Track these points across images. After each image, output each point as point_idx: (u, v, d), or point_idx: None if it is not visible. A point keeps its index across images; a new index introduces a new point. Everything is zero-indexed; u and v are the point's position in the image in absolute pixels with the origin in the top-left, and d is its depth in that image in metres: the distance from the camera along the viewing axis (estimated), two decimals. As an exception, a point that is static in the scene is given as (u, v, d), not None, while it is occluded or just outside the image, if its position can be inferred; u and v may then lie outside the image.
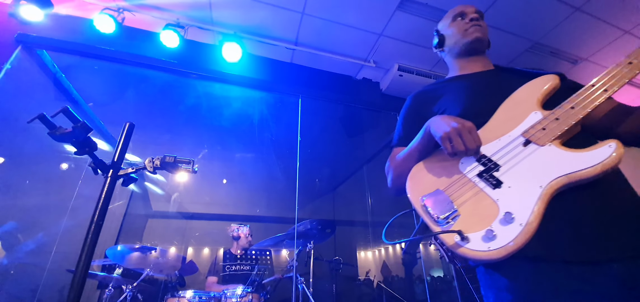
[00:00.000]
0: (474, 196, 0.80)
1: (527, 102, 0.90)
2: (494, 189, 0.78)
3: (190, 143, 4.81)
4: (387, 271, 4.68)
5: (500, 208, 0.73)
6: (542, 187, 0.72)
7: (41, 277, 2.89)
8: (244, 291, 2.27)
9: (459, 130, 0.83)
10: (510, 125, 0.88)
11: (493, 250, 0.68)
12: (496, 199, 0.76)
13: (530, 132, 0.83)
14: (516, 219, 0.69)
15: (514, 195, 0.74)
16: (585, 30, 2.92)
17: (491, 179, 0.80)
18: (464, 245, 0.72)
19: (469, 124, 0.85)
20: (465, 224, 0.76)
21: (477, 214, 0.76)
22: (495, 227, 0.71)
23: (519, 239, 0.67)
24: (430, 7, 2.73)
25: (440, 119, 0.91)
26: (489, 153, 0.86)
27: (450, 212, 0.79)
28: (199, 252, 4.91)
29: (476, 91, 1.04)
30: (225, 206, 5.27)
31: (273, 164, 4.78)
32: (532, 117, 0.86)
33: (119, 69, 3.09)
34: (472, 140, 0.83)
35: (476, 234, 0.72)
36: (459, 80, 1.14)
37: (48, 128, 0.87)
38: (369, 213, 5.17)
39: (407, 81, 3.32)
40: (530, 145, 0.81)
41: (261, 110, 4.00)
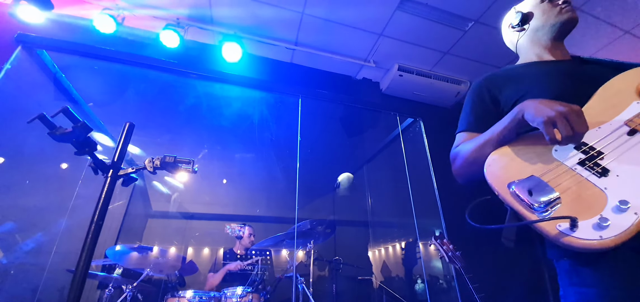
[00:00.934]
0: (576, 185, 0.75)
1: (627, 92, 0.88)
2: (600, 177, 0.74)
3: (190, 143, 4.81)
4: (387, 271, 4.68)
5: (609, 197, 0.70)
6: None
7: (41, 277, 2.89)
8: (244, 291, 2.27)
9: (566, 114, 0.76)
10: (610, 113, 0.85)
11: (606, 239, 0.64)
12: (604, 187, 0.72)
13: (635, 121, 0.80)
14: (631, 207, 0.66)
15: (624, 183, 0.71)
16: (585, 30, 2.92)
17: (596, 167, 0.75)
18: (571, 233, 0.67)
19: (577, 107, 0.77)
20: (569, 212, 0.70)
21: (582, 202, 0.72)
22: (607, 214, 0.67)
23: (634, 228, 0.64)
24: (430, 7, 2.73)
25: (538, 103, 0.83)
26: (591, 141, 0.81)
27: (550, 199, 0.73)
28: (199, 252, 4.91)
29: (563, 76, 0.99)
30: (225, 206, 5.27)
31: (273, 164, 4.78)
32: (635, 107, 0.84)
33: (119, 69, 3.09)
34: (581, 124, 0.75)
35: (586, 222, 0.68)
36: (541, 65, 1.07)
37: (48, 128, 0.87)
38: (369, 213, 5.17)
39: (407, 81, 3.32)
40: (636, 134, 0.78)
41: (261, 110, 4.00)
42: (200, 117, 4.00)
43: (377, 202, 4.98)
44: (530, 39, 1.17)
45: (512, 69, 1.12)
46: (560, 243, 0.68)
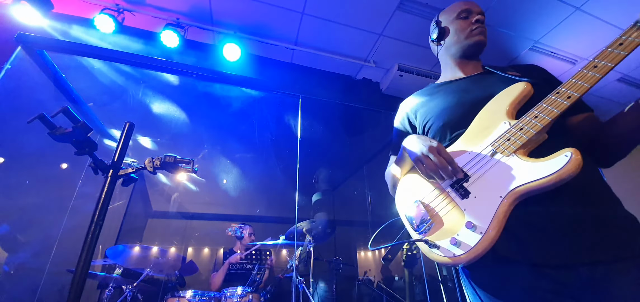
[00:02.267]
0: (446, 206, 0.86)
1: (498, 112, 0.91)
2: (462, 198, 0.83)
3: (190, 143, 4.81)
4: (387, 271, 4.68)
5: (466, 217, 0.79)
6: (502, 197, 0.76)
7: (41, 277, 2.89)
8: (244, 291, 2.27)
9: (429, 152, 0.88)
10: (482, 136, 0.90)
11: (457, 256, 0.75)
12: (464, 208, 0.82)
13: (498, 142, 0.85)
14: (477, 227, 0.75)
15: (478, 204, 0.79)
16: (585, 30, 2.92)
17: (461, 190, 0.85)
18: (434, 251, 0.80)
19: (438, 145, 0.89)
20: (438, 231, 0.83)
21: (447, 222, 0.83)
22: (460, 235, 0.77)
23: (479, 246, 0.72)
24: (430, 7, 2.73)
25: (413, 140, 0.96)
26: (461, 164, 0.89)
27: (425, 220, 0.87)
28: (199, 252, 4.91)
29: (460, 99, 1.04)
30: (225, 206, 5.27)
31: (273, 164, 4.77)
32: (501, 128, 0.87)
33: (119, 69, 3.09)
34: (441, 159, 0.86)
35: (445, 241, 0.79)
36: (447, 86, 1.15)
37: (48, 128, 0.87)
38: (369, 213, 5.17)
39: (407, 81, 3.32)
40: (496, 155, 0.83)
41: (261, 110, 4.00)
42: (200, 117, 4.00)
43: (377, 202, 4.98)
44: (445, 54, 1.23)
45: (426, 91, 1.21)
46: (431, 258, 0.81)
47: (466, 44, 1.12)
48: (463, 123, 0.97)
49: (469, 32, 1.11)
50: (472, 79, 1.11)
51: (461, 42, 1.14)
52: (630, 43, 0.74)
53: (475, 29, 1.11)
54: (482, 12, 1.14)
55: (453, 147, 0.96)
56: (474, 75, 1.13)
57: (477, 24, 1.11)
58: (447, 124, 1.00)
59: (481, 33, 1.11)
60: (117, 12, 2.70)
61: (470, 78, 1.12)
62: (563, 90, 0.80)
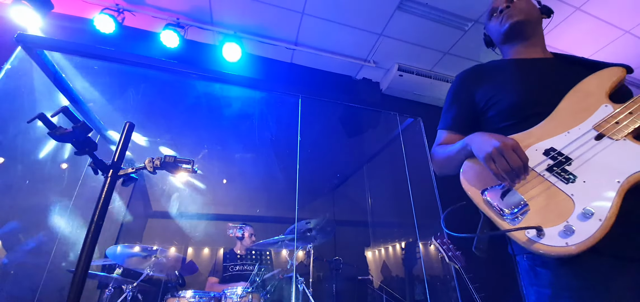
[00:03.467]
0: (545, 191, 0.77)
1: (596, 95, 0.87)
2: (567, 183, 0.75)
3: (190, 143, 4.81)
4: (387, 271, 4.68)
5: (575, 203, 0.72)
6: (620, 182, 0.70)
7: (41, 277, 2.89)
8: (244, 290, 2.26)
9: (502, 151, 0.79)
10: (579, 117, 0.85)
11: (572, 246, 0.66)
12: (571, 194, 0.74)
13: (603, 125, 0.80)
14: (595, 214, 0.68)
15: (590, 190, 0.72)
16: (585, 30, 2.92)
17: (563, 174, 0.77)
18: (539, 240, 0.70)
19: (512, 142, 0.80)
20: (537, 219, 0.73)
21: (550, 209, 0.74)
22: (572, 222, 0.69)
23: (598, 234, 0.66)
24: (430, 7, 2.73)
25: (480, 137, 0.88)
26: (559, 146, 0.83)
27: (518, 206, 0.76)
28: (199, 252, 4.91)
29: (534, 77, 1.00)
30: (225, 206, 5.26)
31: (273, 164, 4.77)
32: (603, 110, 0.83)
33: (119, 69, 3.08)
34: (516, 159, 0.78)
35: (552, 229, 0.70)
36: (516, 64, 1.08)
37: (48, 128, 0.87)
38: (369, 213, 5.16)
39: (407, 81, 3.32)
40: (603, 139, 0.78)
41: (261, 110, 4.00)
42: (200, 117, 4.00)
43: (377, 202, 4.97)
44: (503, 49, 1.20)
45: (491, 65, 1.14)
46: (530, 249, 0.71)
47: (503, 34, 1.11)
48: (543, 102, 0.91)
49: (500, 23, 1.11)
50: (544, 61, 1.07)
51: (499, 37, 1.13)
52: None
53: (503, 17, 1.09)
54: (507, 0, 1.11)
55: (538, 128, 0.89)
56: (545, 58, 1.09)
57: (503, 12, 1.09)
58: (524, 101, 0.93)
59: (510, 17, 1.07)
60: (117, 12, 2.70)
61: (541, 60, 1.07)
62: None
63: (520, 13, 1.07)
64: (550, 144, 0.84)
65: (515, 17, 1.06)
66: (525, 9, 1.07)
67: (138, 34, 2.94)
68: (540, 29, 1.12)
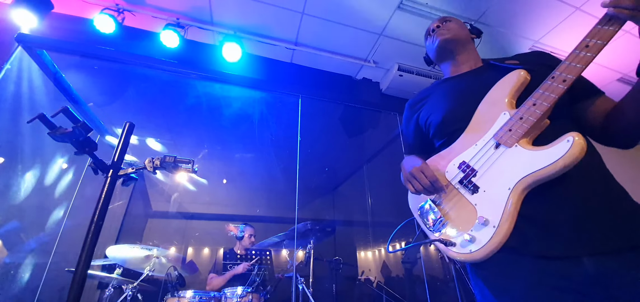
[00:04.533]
0: (458, 202, 0.86)
1: (498, 103, 0.89)
2: (472, 194, 0.83)
3: (190, 143, 4.81)
4: (387, 271, 4.68)
5: (477, 212, 0.79)
6: (510, 188, 0.75)
7: (41, 277, 2.89)
8: (244, 291, 2.27)
9: (414, 174, 0.94)
10: (484, 128, 0.89)
11: (474, 252, 0.74)
12: (474, 203, 0.81)
13: (500, 134, 0.84)
14: (490, 221, 0.75)
15: (488, 198, 0.79)
16: (585, 31, 2.92)
17: (469, 185, 0.85)
18: (451, 249, 0.80)
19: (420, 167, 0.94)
20: (452, 229, 0.84)
21: (460, 219, 0.83)
22: (474, 231, 0.77)
23: (493, 241, 0.72)
24: (430, 7, 2.73)
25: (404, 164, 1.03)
26: (468, 159, 0.89)
27: (438, 219, 0.88)
28: (199, 252, 4.91)
29: (458, 95, 1.06)
30: (225, 206, 5.27)
31: (273, 164, 4.77)
32: (502, 119, 0.86)
33: (119, 69, 3.08)
34: (424, 179, 0.91)
35: (459, 238, 0.79)
36: (446, 83, 1.17)
37: (48, 128, 0.87)
38: (369, 213, 5.16)
39: (407, 81, 3.32)
40: (500, 147, 0.82)
41: (261, 110, 4.00)
42: (200, 117, 4.00)
43: (377, 202, 4.97)
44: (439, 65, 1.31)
45: (429, 89, 1.25)
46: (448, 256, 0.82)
47: (435, 53, 1.22)
48: (462, 117, 0.97)
49: (432, 43, 1.22)
50: (470, 74, 1.13)
51: (434, 55, 1.24)
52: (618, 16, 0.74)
53: (434, 36, 1.20)
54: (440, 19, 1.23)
55: (458, 142, 0.95)
56: (474, 69, 1.15)
57: (433, 33, 1.21)
58: (446, 119, 1.02)
59: (438, 35, 1.18)
60: (117, 12, 2.70)
61: (468, 73, 1.14)
62: (558, 75, 0.79)
63: (448, 32, 1.17)
64: (463, 157, 0.91)
65: (443, 35, 1.17)
66: (453, 28, 1.18)
67: (138, 34, 2.94)
68: (470, 46, 1.21)
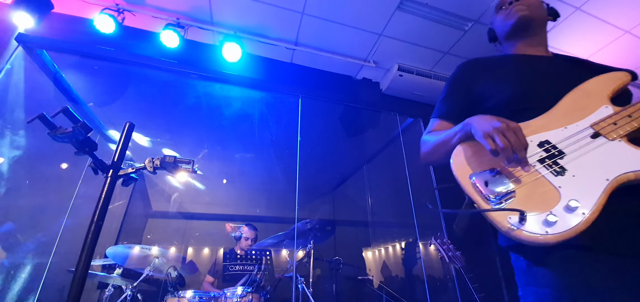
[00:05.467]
0: (533, 181, 0.78)
1: (598, 96, 0.89)
2: (557, 176, 0.76)
3: (190, 143, 4.81)
4: (387, 271, 4.68)
5: (562, 195, 0.72)
6: (609, 180, 0.71)
7: (41, 277, 2.89)
8: (244, 291, 2.26)
9: (503, 130, 0.79)
10: (578, 115, 0.87)
11: (550, 235, 0.67)
12: (558, 185, 0.75)
13: (601, 125, 0.82)
14: (580, 207, 0.69)
15: (578, 184, 0.74)
16: (585, 30, 2.92)
17: (554, 166, 0.79)
18: (520, 227, 0.70)
19: (515, 125, 0.80)
20: (522, 206, 0.72)
21: (535, 198, 0.74)
22: (556, 212, 0.69)
23: (579, 227, 0.66)
24: (430, 7, 2.73)
25: (481, 118, 0.87)
26: (554, 140, 0.84)
27: (505, 191, 0.76)
28: (199, 252, 4.91)
29: (535, 73, 1.01)
30: (225, 206, 5.27)
31: (273, 164, 4.77)
32: (603, 111, 0.85)
33: (119, 69, 3.08)
34: (516, 140, 0.78)
35: (535, 216, 0.70)
36: (518, 58, 1.09)
37: (48, 128, 0.87)
38: (369, 213, 5.17)
39: (407, 81, 3.32)
40: (599, 138, 0.80)
41: (261, 110, 4.00)
42: (200, 117, 4.00)
43: (377, 202, 4.98)
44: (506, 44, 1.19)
45: (493, 59, 1.14)
46: (509, 235, 0.71)
47: (508, 27, 1.10)
48: (536, 99, 0.93)
49: (507, 16, 1.11)
50: (545, 58, 1.07)
51: (505, 29, 1.12)
52: None
53: (510, 11, 1.09)
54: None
55: (536, 121, 0.90)
56: (545, 56, 1.09)
57: (511, 6, 1.09)
58: (521, 94, 0.95)
59: (518, 10, 1.07)
60: (117, 12, 2.70)
61: (540, 57, 1.08)
62: None
63: (528, 9, 1.07)
64: (546, 136, 0.86)
65: (522, 12, 1.07)
66: (533, 5, 1.08)
67: (138, 34, 2.94)
68: (544, 30, 1.12)
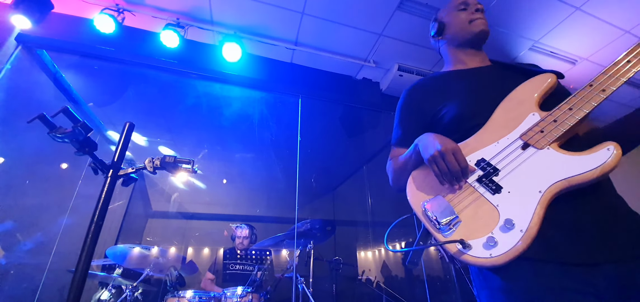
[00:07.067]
0: (475, 201, 0.79)
1: (525, 103, 0.88)
2: (494, 194, 0.77)
3: (190, 143, 4.81)
4: (387, 271, 4.68)
5: (500, 214, 0.73)
6: (542, 191, 0.71)
7: (41, 277, 2.89)
8: (244, 291, 2.26)
9: (443, 154, 0.83)
10: (508, 127, 0.87)
11: (495, 257, 0.68)
12: (496, 204, 0.75)
13: (529, 134, 0.81)
14: (517, 224, 0.69)
15: (513, 200, 0.74)
16: (585, 30, 2.92)
17: (491, 184, 0.79)
18: (466, 252, 0.72)
19: (453, 147, 0.84)
20: (467, 230, 0.75)
21: (477, 220, 0.76)
22: (496, 234, 0.71)
23: (520, 245, 0.67)
24: (430, 7, 2.73)
25: (427, 139, 0.91)
26: (488, 157, 0.84)
27: (451, 218, 0.79)
28: (199, 252, 4.91)
29: (475, 89, 1.02)
30: (225, 206, 5.27)
31: (273, 164, 4.78)
32: (530, 119, 0.84)
33: (119, 69, 3.08)
34: (454, 163, 0.82)
35: (477, 240, 0.72)
36: (458, 75, 1.11)
37: (48, 128, 0.87)
38: (369, 213, 5.16)
39: (407, 81, 3.32)
40: (529, 148, 0.80)
41: (261, 110, 4.00)
42: (200, 117, 4.00)
43: (377, 202, 4.97)
44: (449, 47, 1.20)
45: (434, 79, 1.16)
46: (460, 261, 0.73)
47: (470, 32, 1.11)
48: (483, 111, 0.94)
49: (470, 22, 1.11)
50: (485, 70, 1.09)
51: (464, 30, 1.13)
52: None
53: (477, 19, 1.11)
54: (480, 3, 1.14)
55: (474, 138, 0.91)
56: (484, 66, 1.11)
57: (477, 14, 1.11)
58: (463, 114, 0.97)
59: (483, 23, 1.10)
60: (117, 12, 2.70)
61: (481, 69, 1.10)
62: (597, 84, 0.77)
63: (487, 25, 1.11)
64: (481, 154, 0.86)
65: (486, 27, 1.10)
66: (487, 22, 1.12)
67: (138, 34, 2.94)
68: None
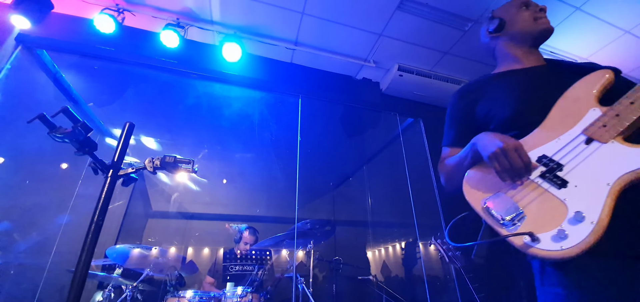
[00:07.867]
0: (539, 197, 0.80)
1: (585, 99, 0.89)
2: (560, 188, 0.78)
3: (190, 143, 4.81)
4: (387, 271, 4.68)
5: (568, 207, 0.74)
6: (610, 184, 0.71)
7: (41, 277, 2.89)
8: (244, 291, 2.26)
9: (505, 151, 0.84)
10: (568, 123, 0.88)
11: (566, 249, 0.68)
12: (563, 198, 0.76)
13: (591, 129, 0.82)
14: (587, 217, 0.70)
15: (582, 193, 0.75)
16: (585, 30, 2.92)
17: (555, 179, 0.80)
18: (535, 245, 0.73)
19: (514, 143, 0.85)
20: (534, 224, 0.76)
21: (544, 214, 0.77)
22: (566, 227, 0.71)
23: (591, 237, 0.67)
24: (430, 7, 2.73)
25: (486, 137, 0.92)
26: (550, 153, 0.85)
27: (515, 213, 0.79)
28: (199, 252, 4.91)
29: (529, 88, 1.02)
30: (225, 206, 5.27)
31: (273, 164, 4.77)
32: (591, 114, 0.85)
33: (118, 69, 3.08)
34: (518, 159, 0.83)
35: (547, 234, 0.73)
36: (510, 75, 1.11)
37: (48, 128, 0.87)
38: (369, 213, 5.16)
39: (407, 81, 3.32)
40: (593, 143, 0.80)
41: (261, 110, 4.00)
42: (200, 117, 4.00)
43: (377, 202, 4.97)
44: (506, 45, 1.19)
45: (486, 80, 1.17)
46: (528, 254, 0.74)
47: (534, 31, 1.12)
48: (539, 109, 0.94)
49: (535, 20, 1.13)
50: (539, 69, 1.10)
51: (527, 30, 1.13)
52: None
53: (542, 17, 1.12)
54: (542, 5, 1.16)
55: (531, 136, 0.92)
56: (540, 65, 1.12)
57: (542, 13, 1.13)
58: (517, 114, 0.97)
59: (548, 21, 1.12)
60: (117, 12, 2.70)
61: (536, 68, 1.10)
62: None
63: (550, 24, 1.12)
64: (542, 151, 0.87)
65: (551, 26, 1.11)
66: None
67: (138, 34, 2.94)
68: None
